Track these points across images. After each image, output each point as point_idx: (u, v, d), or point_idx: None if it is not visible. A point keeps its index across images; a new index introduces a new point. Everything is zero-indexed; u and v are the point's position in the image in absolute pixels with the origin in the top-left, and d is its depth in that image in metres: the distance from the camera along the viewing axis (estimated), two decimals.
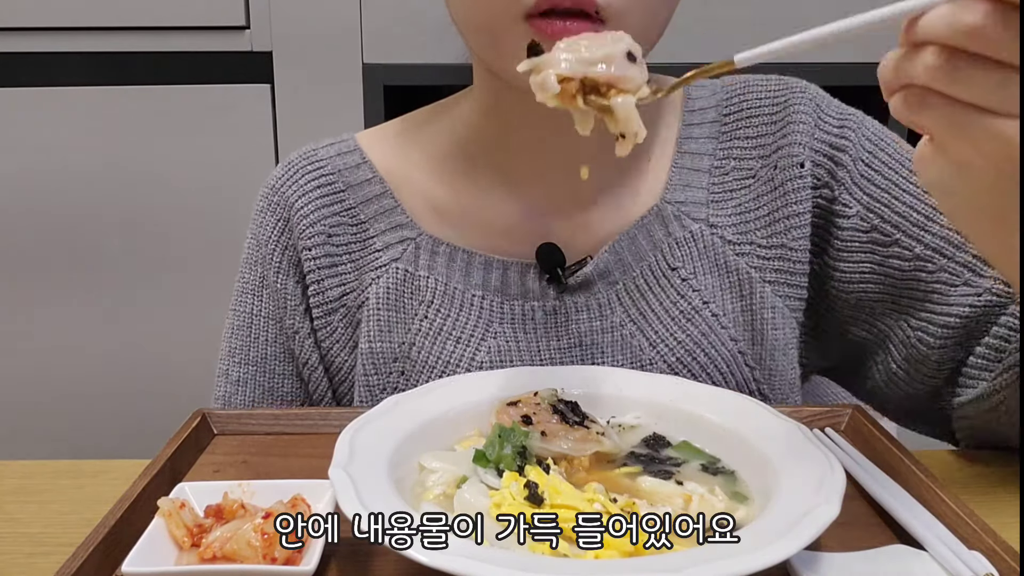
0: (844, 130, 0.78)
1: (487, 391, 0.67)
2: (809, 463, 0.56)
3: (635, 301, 0.79)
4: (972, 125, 0.43)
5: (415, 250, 0.80)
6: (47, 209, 1.50)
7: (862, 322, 0.80)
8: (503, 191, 0.80)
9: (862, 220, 0.76)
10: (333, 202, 0.82)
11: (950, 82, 0.43)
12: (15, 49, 1.43)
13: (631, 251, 0.79)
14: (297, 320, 0.82)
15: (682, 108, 0.83)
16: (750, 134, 0.80)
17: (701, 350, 0.78)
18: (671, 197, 0.80)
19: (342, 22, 1.40)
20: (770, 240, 0.79)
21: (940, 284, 0.74)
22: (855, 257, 0.78)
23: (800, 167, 0.77)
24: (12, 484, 0.69)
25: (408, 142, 0.84)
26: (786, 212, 0.78)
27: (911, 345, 0.76)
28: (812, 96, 0.79)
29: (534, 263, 0.79)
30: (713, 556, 0.46)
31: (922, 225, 0.74)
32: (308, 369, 0.83)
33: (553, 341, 0.79)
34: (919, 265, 0.75)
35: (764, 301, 0.78)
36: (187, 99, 1.45)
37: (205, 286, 1.49)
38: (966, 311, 0.73)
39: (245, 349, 0.84)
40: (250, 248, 0.84)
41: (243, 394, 0.83)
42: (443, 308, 0.79)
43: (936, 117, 0.45)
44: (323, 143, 0.85)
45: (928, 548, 0.53)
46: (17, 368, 1.58)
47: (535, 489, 0.54)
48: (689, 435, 0.64)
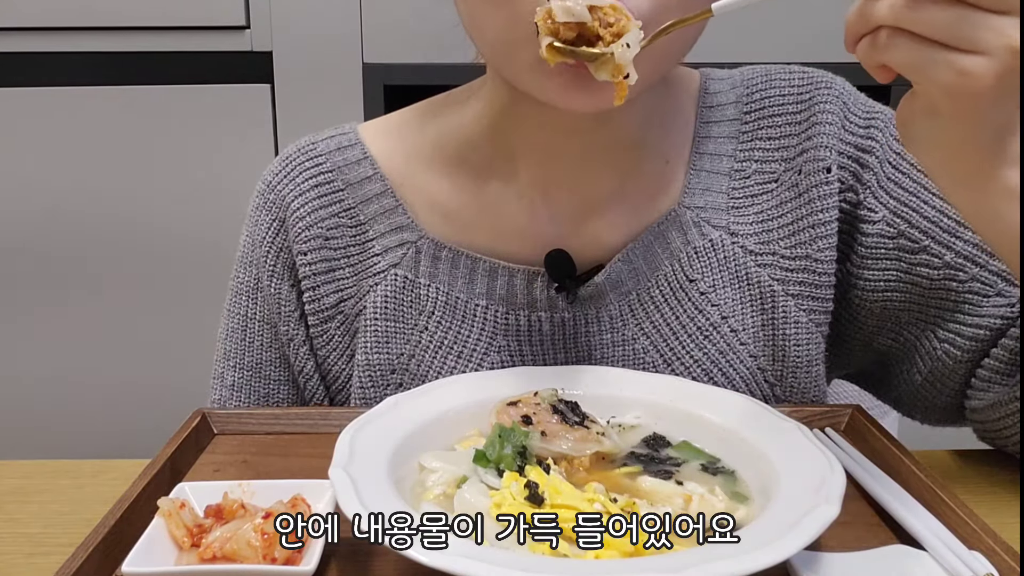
0: (871, 130, 0.73)
1: (487, 391, 0.67)
2: (809, 463, 0.56)
3: (649, 314, 0.75)
4: (935, 60, 0.47)
5: (415, 255, 0.77)
6: (47, 209, 1.50)
7: (887, 332, 0.76)
8: (512, 193, 0.76)
9: (889, 226, 0.72)
10: (331, 202, 0.78)
11: (913, 20, 0.47)
12: (15, 49, 1.43)
13: (646, 259, 0.75)
14: (292, 327, 0.79)
15: (698, 104, 0.78)
16: (773, 135, 0.76)
17: (719, 369, 0.74)
18: (689, 202, 0.76)
19: (342, 22, 1.40)
20: (794, 250, 0.74)
21: (972, 295, 0.70)
22: (880, 264, 0.73)
23: (826, 172, 0.73)
24: (12, 484, 0.69)
25: (412, 136, 0.80)
26: (811, 220, 0.73)
27: (936, 358, 0.73)
28: (839, 93, 0.75)
29: (542, 271, 0.75)
30: (713, 556, 0.46)
31: (953, 231, 0.70)
32: (303, 377, 0.80)
33: (560, 355, 0.76)
34: (949, 274, 0.71)
35: (787, 316, 0.74)
36: (187, 99, 1.45)
37: (205, 286, 1.49)
38: (997, 322, 0.69)
39: (240, 353, 0.81)
40: (245, 247, 0.81)
41: (238, 400, 0.82)
42: (444, 320, 0.76)
43: (903, 54, 0.48)
44: (323, 135, 0.81)
45: (928, 548, 0.53)
46: (17, 368, 1.58)
47: (535, 489, 0.54)
48: (689, 435, 0.64)
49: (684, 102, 0.78)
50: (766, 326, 0.75)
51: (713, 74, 0.80)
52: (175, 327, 1.55)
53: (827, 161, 0.73)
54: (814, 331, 0.75)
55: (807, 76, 0.76)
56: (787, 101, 0.76)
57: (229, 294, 0.83)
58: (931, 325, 0.73)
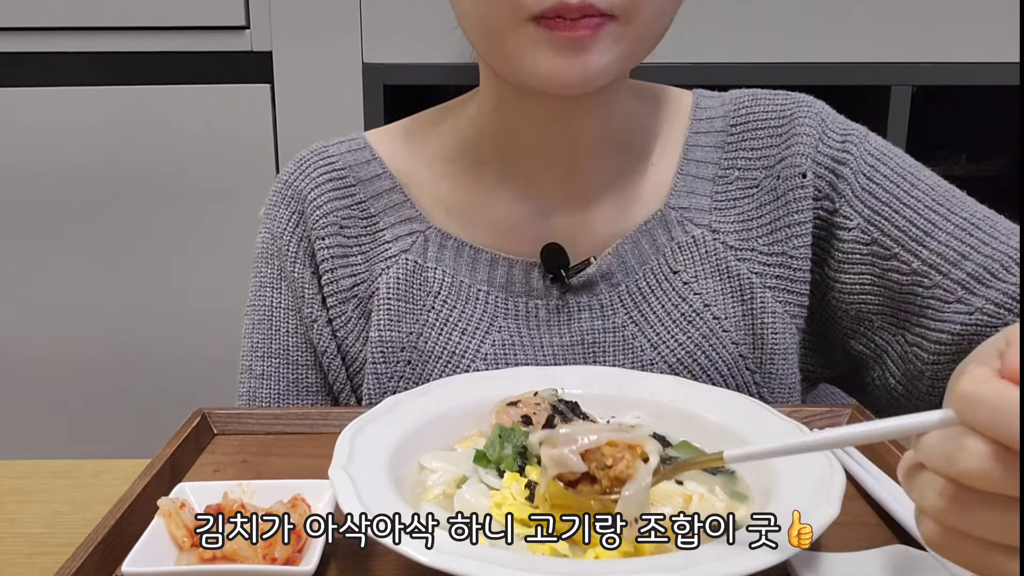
0: (846, 144, 0.79)
1: (487, 391, 0.67)
2: (809, 463, 0.56)
3: (637, 303, 0.80)
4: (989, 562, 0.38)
5: (424, 242, 0.82)
6: (47, 210, 1.50)
7: (861, 335, 0.81)
8: (508, 191, 0.81)
9: (863, 232, 0.77)
10: (344, 196, 0.83)
11: (963, 521, 0.37)
12: (15, 49, 1.43)
13: (634, 254, 0.80)
14: (315, 309, 0.82)
15: (690, 116, 0.84)
16: (755, 145, 0.82)
17: (702, 352, 0.78)
18: (675, 203, 0.81)
19: (342, 22, 1.40)
20: (771, 247, 0.80)
21: (935, 300, 0.75)
22: (856, 269, 0.79)
23: (802, 177, 0.78)
24: (12, 484, 0.69)
25: (416, 141, 0.85)
26: (787, 221, 0.79)
27: (908, 360, 0.78)
28: (818, 111, 0.80)
29: (538, 262, 0.80)
30: (713, 556, 0.46)
31: (920, 240, 0.75)
32: (327, 358, 0.83)
33: (556, 338, 0.80)
34: (916, 279, 0.76)
35: (764, 306, 0.79)
36: (187, 99, 1.45)
37: (205, 286, 1.49)
38: (957, 328, 0.74)
39: (267, 342, 0.84)
40: (264, 243, 0.85)
41: (268, 388, 0.83)
42: (450, 300, 0.80)
43: (956, 554, 0.39)
44: (333, 140, 0.86)
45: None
46: (17, 368, 1.58)
47: (536, 489, 0.54)
48: (689, 435, 0.64)
49: (675, 116, 0.84)
50: (746, 315, 0.79)
51: (705, 94, 0.86)
52: (176, 327, 1.55)
53: (803, 167, 0.78)
54: (789, 322, 0.80)
55: (791, 96, 0.82)
56: (770, 117, 0.82)
57: (252, 290, 0.86)
58: (900, 329, 0.78)
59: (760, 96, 0.83)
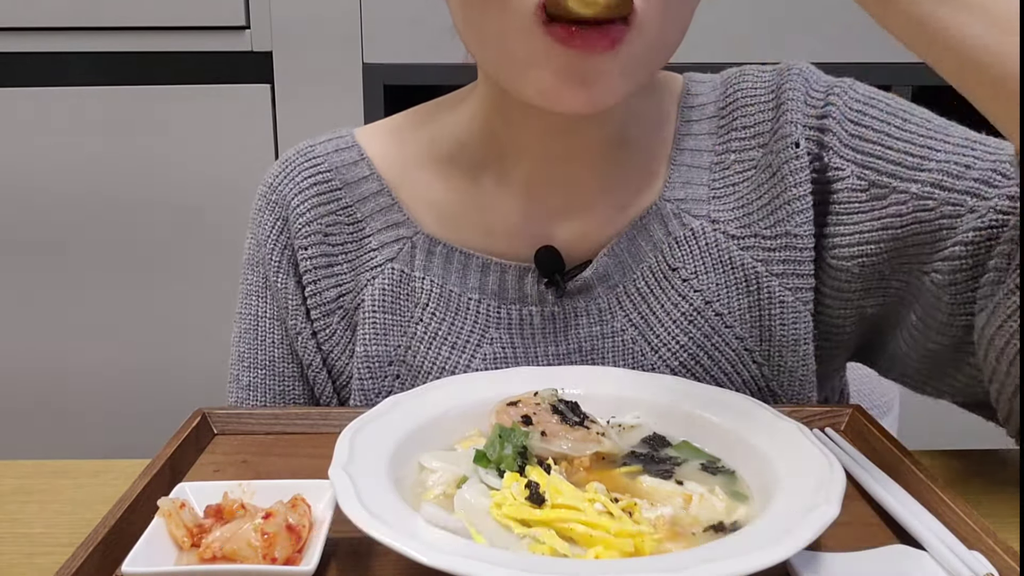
0: (830, 96, 0.75)
1: (487, 391, 0.67)
2: (809, 463, 0.56)
3: (636, 305, 0.78)
4: None
5: (411, 249, 0.79)
6: (47, 210, 1.50)
7: (874, 292, 0.74)
8: (503, 193, 0.79)
9: (858, 179, 0.72)
10: (329, 200, 0.80)
11: None
12: (15, 49, 1.43)
13: (630, 253, 0.78)
14: (299, 321, 0.81)
15: (679, 104, 0.81)
16: (748, 123, 0.78)
17: (704, 352, 0.77)
18: (670, 195, 0.78)
19: (342, 22, 1.40)
20: (773, 229, 0.76)
21: (945, 219, 0.68)
22: (854, 219, 0.73)
23: (795, 147, 0.74)
24: (12, 484, 0.69)
25: (408, 139, 0.82)
26: (787, 197, 0.75)
27: (925, 290, 0.70)
28: (800, 72, 0.77)
29: (532, 267, 0.78)
30: (713, 556, 0.46)
31: (917, 166, 0.69)
32: (312, 371, 0.82)
33: (552, 347, 0.78)
34: (919, 205, 0.69)
35: (772, 296, 0.76)
36: (187, 99, 1.45)
37: (205, 286, 1.50)
38: (971, 236, 0.66)
39: (253, 353, 0.83)
40: (250, 249, 0.83)
41: (254, 399, 0.83)
42: (439, 311, 0.78)
43: None
44: (320, 139, 0.83)
45: (928, 548, 0.53)
46: (17, 368, 1.58)
47: (536, 489, 0.54)
48: (689, 435, 0.64)
49: (667, 103, 0.81)
50: (752, 308, 0.77)
51: (695, 77, 0.83)
52: (176, 327, 1.55)
53: (794, 136, 0.74)
54: (801, 309, 0.76)
55: (776, 67, 0.79)
56: (759, 92, 0.78)
57: (239, 297, 0.84)
58: (913, 265, 0.71)
59: (748, 72, 0.80)
